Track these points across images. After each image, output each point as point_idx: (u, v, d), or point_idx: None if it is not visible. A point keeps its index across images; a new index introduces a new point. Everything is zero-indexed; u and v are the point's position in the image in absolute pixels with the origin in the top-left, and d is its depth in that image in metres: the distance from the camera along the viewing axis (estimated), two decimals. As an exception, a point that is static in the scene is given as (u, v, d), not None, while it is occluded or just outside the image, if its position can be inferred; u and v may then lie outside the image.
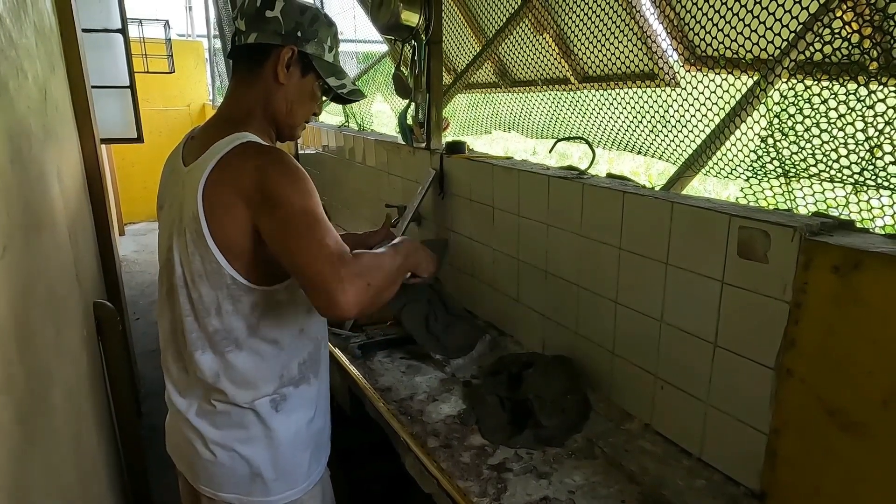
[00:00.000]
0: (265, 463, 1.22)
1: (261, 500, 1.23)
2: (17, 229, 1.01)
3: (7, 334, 0.87)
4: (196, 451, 1.21)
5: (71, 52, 2.46)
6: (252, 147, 1.11)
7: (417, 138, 2.20)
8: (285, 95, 1.20)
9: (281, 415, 1.21)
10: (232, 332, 1.16)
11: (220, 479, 1.22)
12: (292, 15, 1.16)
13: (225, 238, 1.09)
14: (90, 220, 2.54)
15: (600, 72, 2.17)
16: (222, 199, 1.07)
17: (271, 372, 1.20)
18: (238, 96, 1.20)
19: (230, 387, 1.18)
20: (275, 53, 1.17)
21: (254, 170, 1.06)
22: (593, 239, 1.46)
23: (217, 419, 1.20)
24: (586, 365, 1.54)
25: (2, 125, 1.01)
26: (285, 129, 1.24)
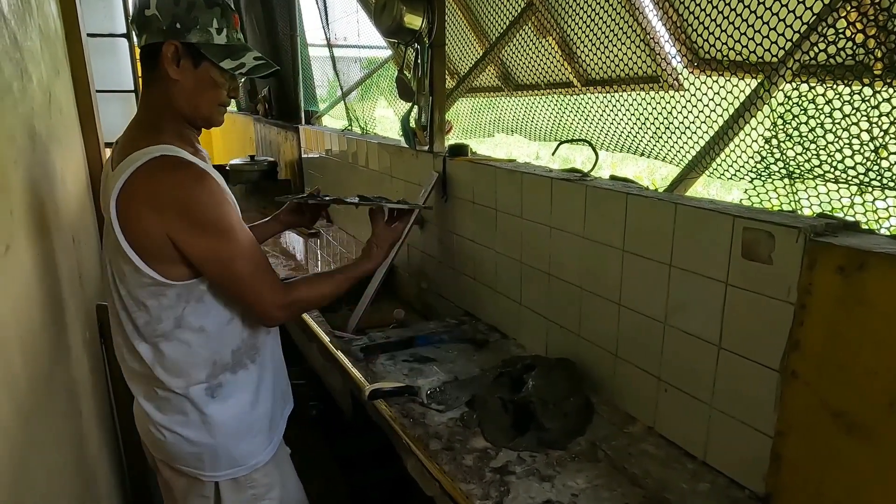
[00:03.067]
0: (206, 446, 1.29)
1: (209, 474, 1.32)
2: (20, 229, 1.01)
3: (9, 335, 0.87)
4: (149, 431, 1.30)
5: (76, 57, 2.47)
6: (164, 162, 1.13)
7: (420, 141, 2.21)
8: (183, 90, 1.20)
9: (217, 401, 1.28)
10: (160, 324, 1.21)
11: (171, 454, 1.31)
12: (168, 8, 1.15)
13: (140, 243, 1.13)
14: (93, 223, 2.54)
15: (603, 75, 2.17)
16: (134, 211, 1.11)
17: (201, 359, 1.26)
18: (146, 99, 1.22)
19: (164, 375, 1.24)
20: (163, 50, 1.16)
21: (169, 188, 1.11)
22: (596, 241, 1.46)
23: (160, 404, 1.28)
24: (589, 367, 1.53)
25: (6, 126, 1.01)
26: (199, 121, 1.25)
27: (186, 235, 1.12)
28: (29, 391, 0.94)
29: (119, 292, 1.20)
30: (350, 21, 3.25)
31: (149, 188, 1.10)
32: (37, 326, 1.07)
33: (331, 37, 3.57)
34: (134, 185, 1.10)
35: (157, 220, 1.11)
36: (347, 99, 3.54)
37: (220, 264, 1.17)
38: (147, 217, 1.11)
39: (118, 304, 1.22)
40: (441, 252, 2.21)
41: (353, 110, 3.38)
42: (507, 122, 2.55)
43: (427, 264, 2.33)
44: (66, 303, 1.47)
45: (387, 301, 2.48)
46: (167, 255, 1.15)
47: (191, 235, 1.12)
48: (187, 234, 1.12)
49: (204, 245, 1.14)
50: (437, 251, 2.23)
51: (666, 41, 1.91)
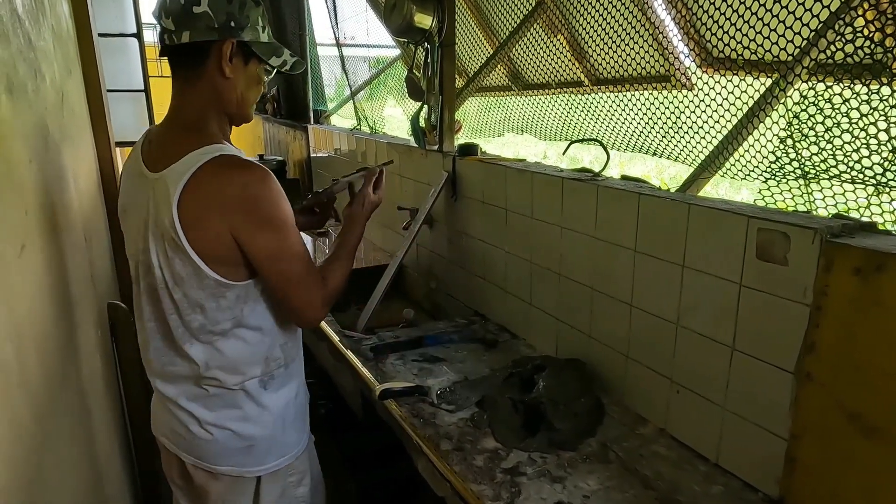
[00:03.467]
0: (261, 436, 1.30)
1: (255, 469, 1.32)
2: (34, 228, 1.01)
3: (25, 334, 0.88)
4: (191, 432, 1.28)
5: (87, 56, 2.48)
6: (228, 162, 1.13)
7: (430, 141, 2.20)
8: (234, 88, 1.21)
9: (270, 392, 1.30)
10: (218, 325, 1.22)
11: (216, 454, 1.29)
12: (221, 6, 1.14)
13: (203, 245, 1.13)
14: (105, 222, 2.56)
15: (613, 74, 2.16)
16: (200, 213, 1.11)
17: (258, 356, 1.27)
18: (187, 98, 1.20)
19: (220, 373, 1.25)
20: (215, 49, 1.16)
21: (239, 186, 1.11)
22: (608, 241, 1.45)
23: (210, 402, 1.27)
24: (600, 368, 1.53)
25: (20, 125, 1.02)
26: (240, 119, 1.27)
27: (250, 232, 1.13)
28: (43, 390, 0.94)
29: (172, 295, 1.19)
30: (359, 20, 3.25)
31: (214, 188, 1.10)
32: (50, 325, 1.07)
33: (340, 36, 3.57)
34: (198, 186, 1.10)
35: (221, 220, 1.11)
36: (356, 98, 3.54)
37: (277, 261, 1.17)
38: (212, 218, 1.11)
39: (169, 308, 1.20)
40: (450, 252, 2.20)
41: (362, 109, 3.38)
42: (516, 121, 2.54)
43: (436, 264, 2.33)
44: (79, 301, 1.48)
45: (396, 300, 2.48)
46: (229, 257, 1.15)
47: (255, 231, 1.13)
48: (252, 231, 1.13)
49: (265, 240, 1.15)
50: (447, 251, 2.23)
51: (677, 40, 1.89)
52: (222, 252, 1.14)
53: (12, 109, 0.95)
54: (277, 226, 1.16)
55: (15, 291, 0.84)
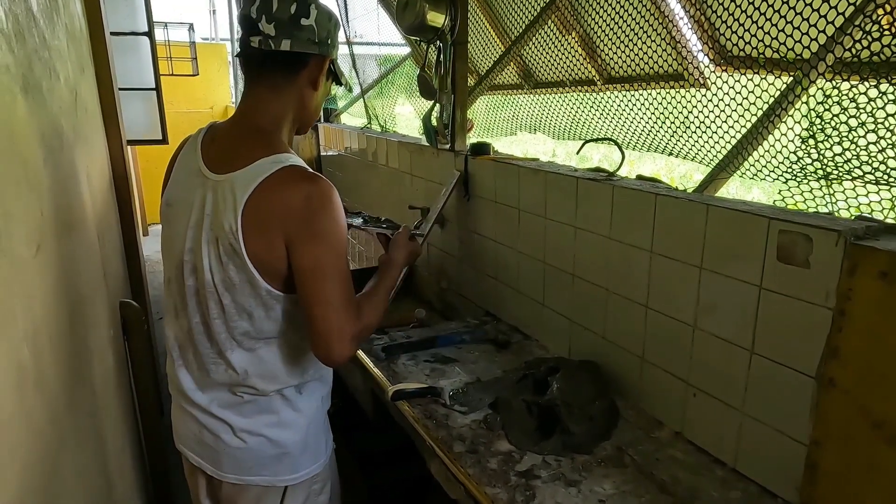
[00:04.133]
0: (294, 442, 1.28)
1: (288, 478, 1.29)
2: (49, 228, 1.01)
3: (40, 333, 0.87)
4: (222, 440, 1.26)
5: (99, 55, 2.49)
6: (298, 173, 1.13)
7: (442, 140, 2.19)
8: (316, 101, 1.25)
9: (304, 396, 1.29)
10: (262, 334, 1.21)
11: (248, 463, 1.27)
12: (324, 23, 1.17)
13: (259, 254, 1.12)
14: (116, 221, 2.57)
15: (626, 73, 2.13)
16: (262, 221, 1.10)
17: (297, 367, 1.26)
18: (267, 102, 1.20)
19: (258, 380, 1.23)
20: (313, 62, 1.19)
21: (304, 197, 1.10)
22: (623, 242, 1.43)
23: (244, 408, 1.25)
24: (614, 370, 1.51)
25: (36, 125, 1.01)
26: (305, 127, 1.29)
27: (302, 241, 1.11)
28: (59, 390, 0.94)
29: (221, 301, 1.17)
30: (370, 18, 3.24)
31: (279, 198, 1.10)
32: (65, 325, 1.07)
33: (350, 34, 3.57)
34: (265, 195, 1.10)
35: (280, 229, 1.10)
36: (366, 96, 3.53)
37: (320, 277, 1.12)
38: (274, 226, 1.10)
39: (214, 313, 1.19)
40: (462, 251, 2.19)
41: (373, 108, 3.37)
42: (527, 119, 2.53)
43: (448, 264, 2.32)
44: (93, 300, 1.48)
45: (407, 300, 2.47)
46: (283, 268, 1.14)
47: (306, 242, 1.11)
48: (303, 241, 1.11)
49: (314, 253, 1.11)
50: (458, 250, 2.22)
51: (691, 38, 1.87)
52: (277, 263, 1.13)
53: (28, 109, 0.94)
54: (330, 241, 1.12)
55: (31, 291, 0.84)
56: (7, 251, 0.73)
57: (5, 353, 0.69)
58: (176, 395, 1.33)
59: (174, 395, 1.35)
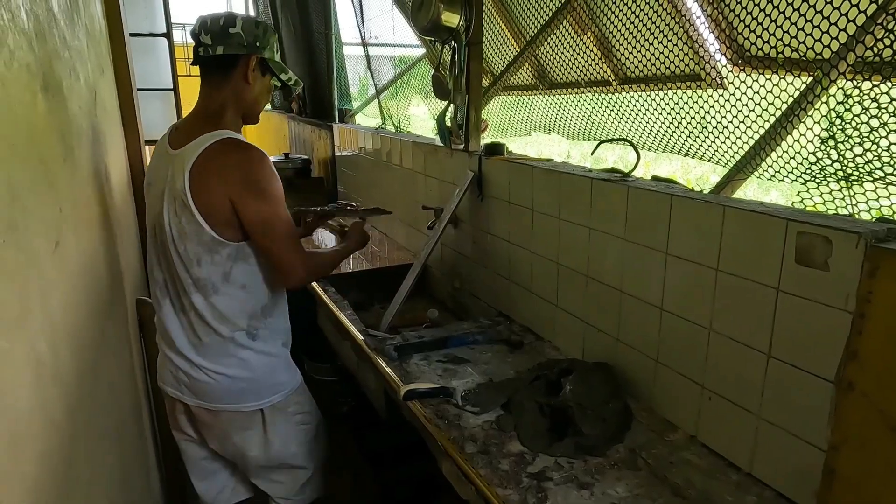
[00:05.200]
0: (253, 379, 1.57)
1: (252, 404, 1.59)
2: (68, 225, 1.03)
3: (58, 329, 0.89)
4: (193, 378, 1.55)
5: (119, 56, 2.52)
6: (233, 141, 1.44)
7: (456, 140, 2.19)
8: (251, 93, 1.53)
9: (258, 342, 1.57)
10: (210, 279, 1.48)
11: (217, 395, 1.56)
12: (250, 29, 1.48)
13: (205, 206, 1.41)
14: (134, 218, 2.60)
15: (642, 73, 2.12)
16: (205, 179, 1.40)
17: (242, 311, 1.54)
18: (212, 96, 1.52)
19: (214, 321, 1.51)
20: (242, 61, 1.49)
21: (238, 161, 1.42)
22: (638, 243, 1.42)
23: (208, 351, 1.54)
24: (628, 373, 1.50)
25: (56, 123, 1.03)
26: (251, 117, 1.59)
27: (245, 199, 1.41)
28: (75, 384, 0.95)
29: (178, 250, 1.45)
30: (385, 18, 3.25)
31: (220, 161, 1.40)
32: (83, 321, 1.09)
33: (365, 35, 3.58)
34: (207, 159, 1.39)
35: (223, 188, 1.39)
36: (380, 97, 3.54)
37: (266, 225, 1.44)
38: (216, 185, 1.39)
39: (176, 261, 1.47)
40: (475, 252, 2.19)
41: (387, 108, 3.38)
42: (541, 120, 2.51)
43: (460, 264, 2.32)
44: (109, 297, 1.50)
45: (419, 300, 2.47)
46: (226, 220, 1.42)
47: (249, 199, 1.41)
48: (246, 198, 1.41)
49: (257, 208, 1.42)
50: (471, 251, 2.21)
51: (708, 38, 1.85)
52: (221, 215, 1.42)
53: (47, 108, 0.96)
54: (267, 197, 1.43)
55: (49, 287, 0.85)
56: (25, 247, 0.75)
57: (23, 348, 0.71)
58: (159, 340, 1.63)
59: (158, 342, 1.64)
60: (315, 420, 1.79)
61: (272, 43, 1.53)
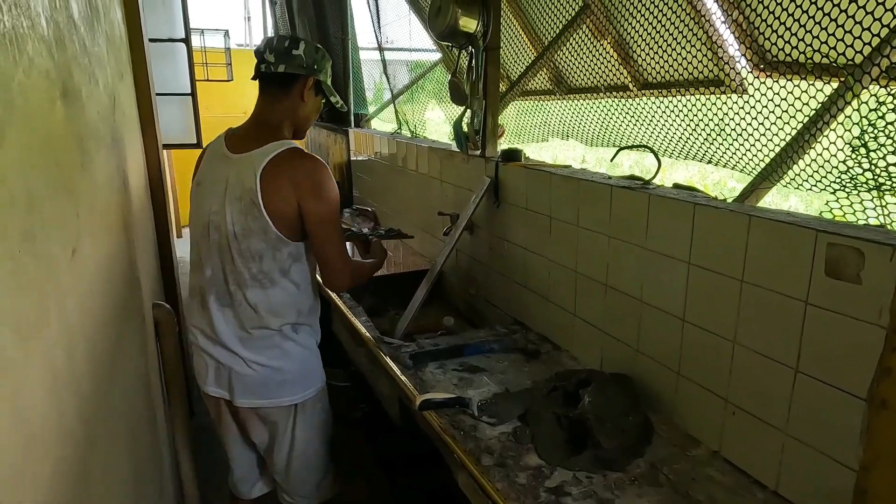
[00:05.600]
0: (292, 371, 1.66)
1: (288, 399, 1.68)
2: (85, 231, 1.02)
3: (75, 335, 0.88)
4: (235, 371, 1.63)
5: (138, 61, 2.54)
6: (300, 151, 1.59)
7: (472, 146, 2.17)
8: (304, 109, 1.68)
9: (300, 335, 1.68)
10: (269, 274, 1.59)
11: (257, 388, 1.64)
12: (311, 53, 1.63)
13: (273, 207, 1.53)
14: (151, 223, 2.61)
15: (662, 78, 2.08)
16: (275, 182, 1.52)
17: (294, 306, 1.65)
18: (272, 108, 1.65)
19: (267, 315, 1.61)
20: (300, 80, 1.64)
21: (308, 169, 1.56)
22: (659, 252, 1.39)
23: (253, 343, 1.63)
24: (648, 384, 1.47)
25: (74, 130, 1.03)
26: (300, 132, 1.73)
27: (312, 202, 1.54)
28: (90, 391, 0.95)
29: (240, 247, 1.56)
30: (402, 23, 3.24)
31: (289, 167, 1.54)
32: (99, 327, 1.08)
33: (382, 40, 3.58)
34: (277, 165, 1.53)
35: (292, 191, 1.53)
36: (396, 101, 3.54)
37: (326, 226, 1.57)
38: (286, 188, 1.52)
39: (236, 258, 1.57)
40: (491, 258, 2.17)
41: (403, 113, 3.37)
42: (558, 126, 2.49)
43: (476, 270, 2.30)
44: (125, 303, 1.50)
45: (434, 306, 2.46)
46: (290, 220, 1.55)
47: (315, 202, 1.55)
48: (313, 201, 1.54)
49: (321, 209, 1.56)
50: (487, 257, 2.19)
51: (731, 41, 1.81)
52: (286, 216, 1.54)
53: (66, 115, 0.95)
54: (328, 200, 1.57)
55: (66, 295, 0.85)
56: (43, 254, 0.74)
57: (40, 356, 0.70)
58: (198, 336, 1.70)
59: (195, 339, 1.71)
60: (331, 421, 1.87)
61: (327, 68, 1.69)
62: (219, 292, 1.63)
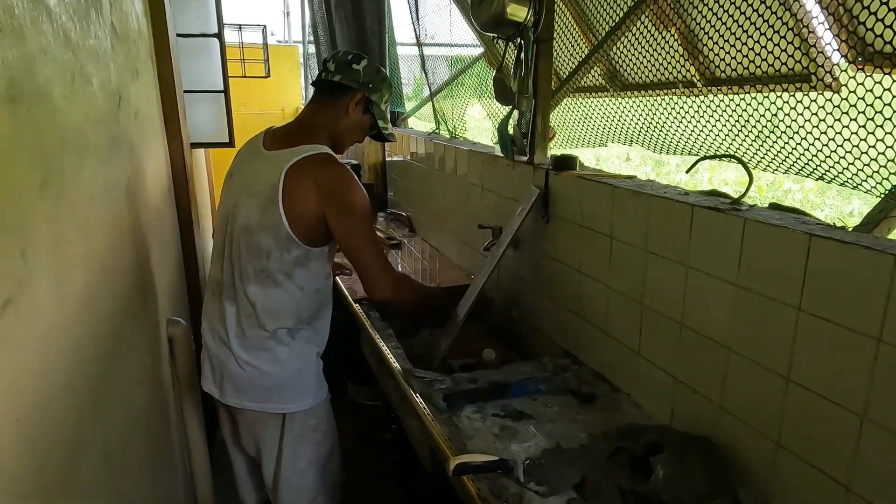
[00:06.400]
0: (282, 378, 1.61)
1: (276, 406, 1.62)
2: (40, 270, 0.82)
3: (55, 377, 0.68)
4: (227, 368, 1.61)
5: (163, 56, 2.38)
6: (331, 158, 1.57)
7: (520, 150, 1.92)
8: (347, 122, 1.66)
9: (296, 342, 1.62)
10: (273, 274, 1.55)
11: (245, 388, 1.61)
12: (370, 72, 1.64)
13: (291, 207, 1.50)
14: (174, 228, 2.46)
15: (734, 73, 1.79)
16: (299, 182, 1.50)
17: (292, 310, 1.59)
18: (316, 113, 1.66)
19: (263, 314, 1.57)
20: (350, 93, 1.64)
21: (333, 174, 1.53)
22: (757, 292, 1.11)
23: (247, 343, 1.59)
24: (734, 452, 1.19)
25: (31, 141, 0.83)
26: (339, 147, 1.68)
27: (337, 213, 1.51)
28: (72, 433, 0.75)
29: (249, 242, 1.54)
30: (442, 14, 3.01)
31: (316, 171, 1.51)
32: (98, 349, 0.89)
33: (420, 34, 3.35)
34: (304, 166, 1.50)
35: (317, 198, 1.50)
36: (435, 99, 3.31)
37: (357, 237, 1.55)
38: (310, 193, 1.50)
39: (244, 252, 1.55)
40: (538, 279, 1.91)
41: (441, 112, 3.14)
42: (618, 128, 2.21)
43: (520, 291, 2.04)
44: (124, 328, 1.32)
45: (472, 327, 2.22)
46: (306, 223, 1.52)
47: (340, 214, 1.52)
48: (338, 213, 1.52)
49: (348, 223, 1.53)
50: (533, 277, 1.94)
51: (824, 30, 1.52)
52: (303, 218, 1.51)
53: (12, 123, 0.76)
54: (353, 211, 1.53)
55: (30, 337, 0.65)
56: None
57: None
58: (205, 329, 1.67)
59: (204, 332, 1.68)
60: (330, 443, 1.76)
61: (384, 92, 1.68)
62: (227, 285, 1.61)
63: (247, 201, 1.54)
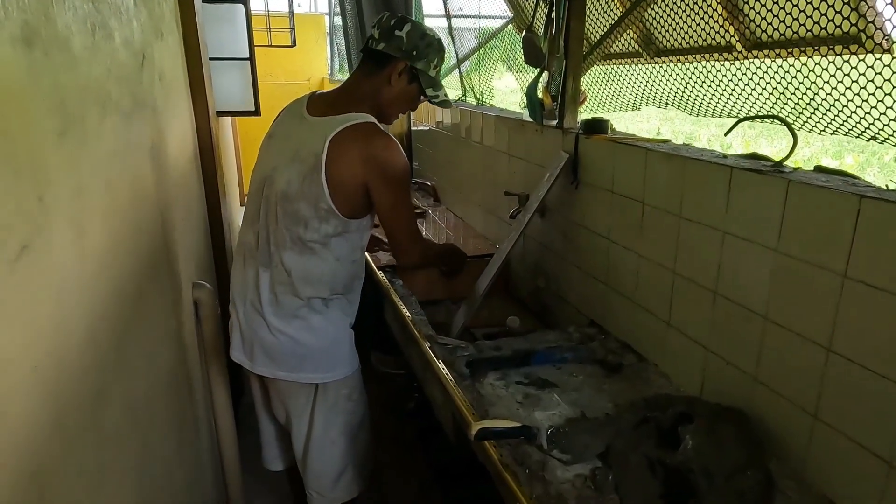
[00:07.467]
0: (316, 347, 1.58)
1: (308, 376, 1.59)
2: (59, 217, 0.81)
3: (74, 326, 0.68)
4: (258, 336, 1.57)
5: (188, 22, 2.36)
6: (376, 127, 1.51)
7: (549, 114, 1.86)
8: (391, 93, 1.57)
9: (329, 311, 1.58)
10: (309, 242, 1.51)
11: (278, 357, 1.57)
12: (414, 38, 1.53)
13: (334, 176, 1.45)
14: (201, 195, 2.47)
15: (780, 36, 1.69)
16: (344, 152, 1.45)
17: (327, 279, 1.55)
18: (361, 82, 1.58)
19: (298, 282, 1.53)
20: (393, 63, 1.54)
21: (379, 145, 1.48)
22: (799, 258, 1.06)
23: (280, 311, 1.55)
24: (769, 424, 1.15)
25: (48, 88, 0.82)
26: (384, 117, 1.61)
27: (380, 185, 1.48)
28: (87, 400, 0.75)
29: (287, 209, 1.49)
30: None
31: (363, 141, 1.46)
32: (123, 309, 0.89)
33: (449, 4, 3.27)
34: (350, 135, 1.46)
35: (361, 168, 1.45)
36: (462, 67, 3.23)
37: (397, 209, 1.53)
38: (353, 162, 1.45)
39: (281, 218, 1.50)
40: (565, 247, 1.87)
41: (469, 79, 3.07)
42: (651, 92, 2.12)
43: (547, 259, 2.00)
44: (148, 288, 1.33)
45: (496, 296, 2.19)
46: (348, 194, 1.47)
47: (383, 185, 1.48)
48: (381, 184, 1.48)
49: (391, 195, 1.50)
50: (560, 245, 1.89)
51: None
52: (345, 188, 1.46)
53: (29, 66, 0.74)
54: (398, 185, 1.50)
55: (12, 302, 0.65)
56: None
57: None
58: (235, 295, 1.64)
59: (233, 299, 1.65)
60: (361, 413, 1.74)
61: (432, 58, 1.57)
62: (261, 251, 1.56)
63: (287, 166, 1.49)
